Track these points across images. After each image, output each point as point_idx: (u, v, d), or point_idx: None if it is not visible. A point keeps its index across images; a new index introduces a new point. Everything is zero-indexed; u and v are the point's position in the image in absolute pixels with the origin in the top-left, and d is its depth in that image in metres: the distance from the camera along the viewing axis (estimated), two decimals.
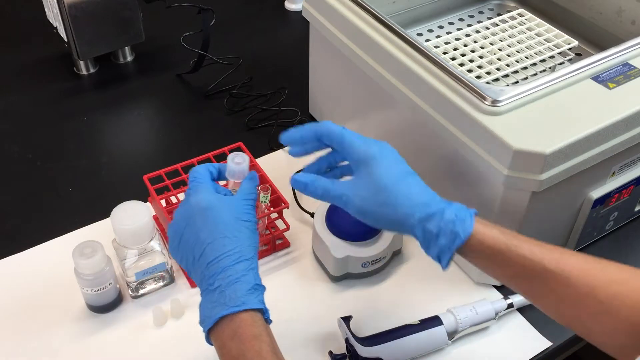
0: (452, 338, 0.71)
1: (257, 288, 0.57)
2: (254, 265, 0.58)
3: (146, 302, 0.76)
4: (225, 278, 0.56)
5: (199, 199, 0.60)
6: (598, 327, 0.55)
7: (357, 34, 0.80)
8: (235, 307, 0.55)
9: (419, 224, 0.58)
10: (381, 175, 0.59)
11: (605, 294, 0.54)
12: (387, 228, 0.62)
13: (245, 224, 0.59)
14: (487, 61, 0.88)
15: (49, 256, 0.81)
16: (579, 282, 0.55)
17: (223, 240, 0.57)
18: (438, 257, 0.59)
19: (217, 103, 1.05)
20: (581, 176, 0.69)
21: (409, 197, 0.59)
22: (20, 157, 0.96)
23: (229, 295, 0.56)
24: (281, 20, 1.27)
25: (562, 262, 0.56)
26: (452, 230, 0.57)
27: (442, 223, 0.58)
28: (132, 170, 0.92)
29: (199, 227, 0.58)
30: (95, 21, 1.03)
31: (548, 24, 0.94)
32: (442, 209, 0.58)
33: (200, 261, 0.58)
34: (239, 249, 0.57)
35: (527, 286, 0.58)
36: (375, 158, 0.60)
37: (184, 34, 1.08)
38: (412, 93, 0.74)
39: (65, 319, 0.75)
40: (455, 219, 0.58)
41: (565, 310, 0.57)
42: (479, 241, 0.57)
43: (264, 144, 0.97)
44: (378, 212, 0.60)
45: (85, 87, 1.09)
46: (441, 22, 0.99)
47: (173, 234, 0.60)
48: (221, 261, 0.57)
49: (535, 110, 0.68)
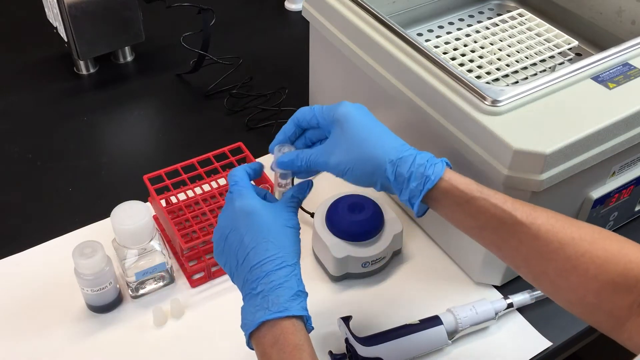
0: (452, 338, 0.71)
1: (300, 295, 0.57)
2: (296, 272, 0.58)
3: (146, 302, 0.76)
4: (268, 283, 0.56)
5: (243, 204, 0.60)
6: (565, 283, 0.55)
7: (357, 34, 0.80)
8: (277, 313, 0.55)
9: (390, 167, 0.59)
10: (351, 130, 0.61)
11: (574, 250, 0.54)
12: (366, 182, 0.62)
13: (290, 230, 0.60)
14: (487, 61, 0.88)
15: (49, 256, 0.81)
16: (549, 236, 0.55)
17: (266, 244, 0.58)
18: (410, 201, 0.59)
19: (217, 103, 1.05)
20: (581, 176, 0.69)
21: (380, 145, 0.60)
22: (20, 157, 0.96)
23: (272, 300, 0.55)
24: (281, 20, 1.27)
25: (533, 216, 0.56)
26: (423, 174, 0.58)
27: (413, 167, 0.59)
28: (132, 170, 0.92)
29: (243, 232, 0.59)
30: (95, 21, 1.03)
31: (548, 24, 0.94)
32: (413, 154, 0.59)
33: (244, 265, 0.58)
34: (282, 254, 0.57)
35: (496, 238, 0.58)
36: (344, 115, 0.61)
37: (184, 34, 1.08)
38: (412, 93, 0.74)
39: (65, 319, 0.75)
40: (426, 163, 0.59)
41: (533, 264, 0.57)
42: (451, 185, 0.58)
43: (264, 144, 0.96)
44: (355, 166, 0.60)
45: (85, 87, 1.09)
46: (441, 22, 0.99)
47: (218, 238, 0.61)
48: (264, 265, 0.57)
49: (535, 110, 0.68)
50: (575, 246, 0.54)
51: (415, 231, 0.85)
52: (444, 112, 0.71)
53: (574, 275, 0.54)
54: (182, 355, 0.72)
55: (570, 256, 0.54)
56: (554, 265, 0.55)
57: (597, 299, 0.54)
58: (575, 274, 0.54)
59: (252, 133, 1.00)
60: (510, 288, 0.77)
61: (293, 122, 0.65)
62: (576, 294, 0.55)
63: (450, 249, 0.81)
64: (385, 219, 0.78)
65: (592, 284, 0.54)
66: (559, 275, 0.55)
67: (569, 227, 0.56)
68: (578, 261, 0.54)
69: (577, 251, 0.54)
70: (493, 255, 0.74)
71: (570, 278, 0.55)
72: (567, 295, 0.56)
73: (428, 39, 0.95)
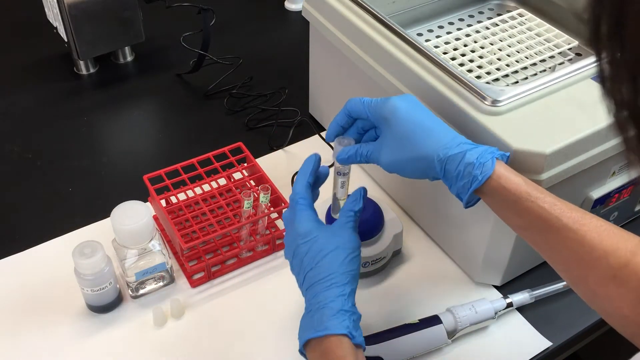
0: (452, 337, 0.71)
1: (344, 313, 0.58)
2: (345, 292, 0.59)
3: (146, 302, 0.76)
4: (316, 303, 0.59)
5: (301, 228, 0.63)
6: (603, 292, 0.55)
7: (357, 34, 0.80)
8: (319, 332, 0.57)
9: (439, 165, 0.60)
10: (398, 130, 0.62)
11: (618, 261, 0.54)
12: (419, 177, 0.63)
13: (342, 252, 0.61)
14: (487, 61, 0.88)
15: (49, 256, 0.81)
16: (594, 243, 0.55)
17: (319, 268, 0.60)
18: (458, 196, 0.61)
19: (217, 103, 1.05)
20: (581, 176, 0.69)
21: (429, 143, 0.61)
22: (20, 157, 0.96)
23: (316, 320, 0.58)
24: (281, 20, 1.27)
25: (581, 221, 0.56)
26: (471, 173, 0.59)
27: (461, 165, 0.59)
28: (132, 170, 0.92)
29: (302, 255, 0.62)
30: (95, 21, 1.03)
31: (548, 24, 0.94)
32: (463, 150, 0.60)
33: (303, 285, 0.62)
34: (333, 276, 0.60)
35: (541, 239, 0.58)
36: (391, 113, 0.62)
37: (184, 34, 1.08)
38: (413, 93, 0.74)
39: (65, 319, 0.75)
40: (475, 162, 0.59)
41: (574, 269, 0.57)
42: (501, 185, 0.58)
43: (264, 144, 0.97)
44: (405, 161, 0.62)
45: (85, 87, 1.09)
46: (441, 22, 0.99)
47: (287, 257, 0.65)
48: (315, 287, 0.60)
49: (535, 110, 0.68)
50: (618, 256, 0.54)
51: (415, 231, 0.85)
52: (444, 112, 0.71)
53: (614, 285, 0.54)
54: (182, 355, 0.72)
55: (612, 265, 0.54)
56: (595, 273, 0.55)
57: (634, 313, 0.53)
58: (615, 284, 0.54)
59: (252, 133, 1.00)
60: (510, 288, 0.77)
61: (345, 113, 0.67)
62: (613, 304, 0.55)
63: (450, 249, 0.81)
64: (385, 219, 0.78)
65: (630, 296, 0.53)
66: (599, 283, 0.55)
67: (615, 236, 0.55)
68: (620, 272, 0.54)
69: (620, 262, 0.54)
70: (493, 255, 0.74)
71: (610, 287, 0.54)
72: (604, 305, 0.56)
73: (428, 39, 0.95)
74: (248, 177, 0.86)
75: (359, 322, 0.60)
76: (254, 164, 0.85)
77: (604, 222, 0.56)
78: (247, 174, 0.86)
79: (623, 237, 0.55)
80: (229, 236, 0.81)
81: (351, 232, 0.63)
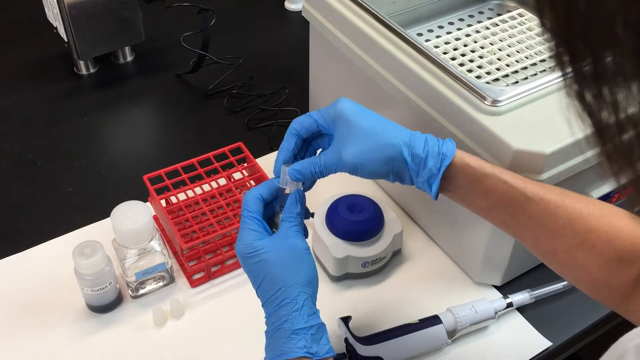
0: (452, 337, 0.71)
1: (298, 333, 0.55)
2: (298, 304, 0.56)
3: (146, 302, 0.76)
4: (270, 325, 0.57)
5: (240, 247, 0.58)
6: (572, 260, 0.55)
7: (357, 34, 0.80)
8: (276, 358, 0.55)
9: (406, 149, 0.59)
10: (360, 121, 0.60)
11: (582, 227, 0.54)
12: (381, 171, 0.60)
13: (291, 260, 0.57)
14: (487, 61, 0.88)
15: (49, 256, 0.81)
16: (558, 212, 0.55)
17: (266, 284, 0.57)
18: (428, 182, 0.59)
19: (217, 103, 1.05)
20: (581, 176, 0.69)
21: (392, 130, 0.60)
22: (20, 157, 0.96)
23: (273, 344, 0.56)
24: (281, 20, 1.27)
25: (543, 192, 0.56)
26: (438, 152, 0.59)
27: (427, 146, 0.59)
28: (132, 170, 0.92)
29: (248, 273, 0.59)
30: (95, 21, 1.03)
31: None
32: (423, 135, 0.60)
33: (261, 302, 0.59)
34: (281, 292, 0.56)
35: (506, 215, 0.58)
36: (347, 109, 0.60)
37: (184, 34, 1.08)
38: (412, 93, 0.74)
39: (65, 319, 0.75)
40: (438, 142, 0.59)
41: (542, 241, 0.57)
42: (465, 163, 0.58)
43: (264, 144, 0.97)
44: (370, 156, 0.59)
45: (85, 87, 1.09)
46: (441, 22, 0.99)
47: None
48: (267, 306, 0.57)
49: (535, 110, 0.68)
50: (583, 222, 0.54)
51: (415, 231, 0.85)
52: (444, 112, 0.71)
53: (582, 251, 0.54)
54: (182, 355, 0.72)
55: (578, 232, 0.54)
56: (562, 242, 0.55)
57: (603, 274, 0.54)
58: (583, 250, 0.54)
59: (252, 133, 1.00)
60: (510, 288, 0.78)
61: (292, 135, 0.62)
62: (583, 270, 0.55)
63: (450, 249, 0.81)
64: (385, 219, 0.78)
65: (598, 260, 0.54)
66: (567, 251, 0.55)
67: (578, 203, 0.56)
68: (585, 237, 0.54)
69: (585, 227, 0.54)
70: (493, 255, 0.74)
71: (578, 254, 0.55)
72: (575, 273, 0.56)
73: (428, 39, 0.95)
74: (248, 177, 0.86)
75: (323, 329, 0.57)
76: (254, 164, 0.85)
77: (564, 191, 0.57)
78: (247, 174, 0.86)
79: (584, 202, 0.56)
80: (229, 236, 0.81)
81: (296, 235, 0.59)
